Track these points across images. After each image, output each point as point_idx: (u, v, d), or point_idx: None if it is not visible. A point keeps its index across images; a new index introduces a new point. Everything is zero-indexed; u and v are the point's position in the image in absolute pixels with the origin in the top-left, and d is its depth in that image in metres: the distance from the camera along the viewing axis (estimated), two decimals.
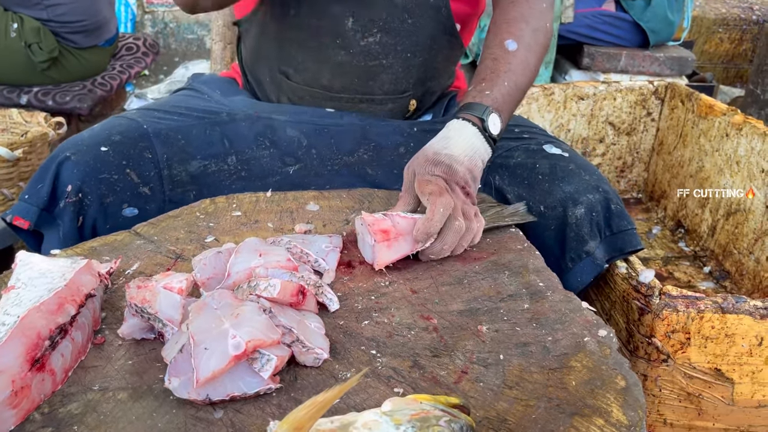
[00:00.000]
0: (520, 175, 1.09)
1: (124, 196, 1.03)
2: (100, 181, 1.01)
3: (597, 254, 1.03)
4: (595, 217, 1.02)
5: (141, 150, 1.05)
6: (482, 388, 0.65)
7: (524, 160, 1.10)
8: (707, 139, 1.85)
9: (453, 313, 0.76)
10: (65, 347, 0.66)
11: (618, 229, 1.04)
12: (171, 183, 1.08)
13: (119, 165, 1.03)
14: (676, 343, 0.99)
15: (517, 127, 1.19)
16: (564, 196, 1.03)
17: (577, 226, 1.02)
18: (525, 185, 1.07)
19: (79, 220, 1.00)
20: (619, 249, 1.05)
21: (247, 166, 1.12)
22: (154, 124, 1.09)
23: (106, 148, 1.02)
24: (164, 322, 0.68)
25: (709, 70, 3.72)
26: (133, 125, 1.08)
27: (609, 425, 0.60)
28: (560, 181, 1.05)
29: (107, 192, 1.01)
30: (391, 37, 1.12)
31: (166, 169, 1.07)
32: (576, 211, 1.02)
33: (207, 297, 0.68)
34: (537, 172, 1.07)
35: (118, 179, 1.02)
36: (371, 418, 0.53)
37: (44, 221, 1.00)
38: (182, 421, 0.60)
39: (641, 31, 2.46)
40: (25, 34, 2.12)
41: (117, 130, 1.06)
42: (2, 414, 0.58)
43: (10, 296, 0.68)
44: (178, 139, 1.09)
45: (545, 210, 1.04)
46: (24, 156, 1.70)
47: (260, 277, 0.72)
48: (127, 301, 0.70)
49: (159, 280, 0.71)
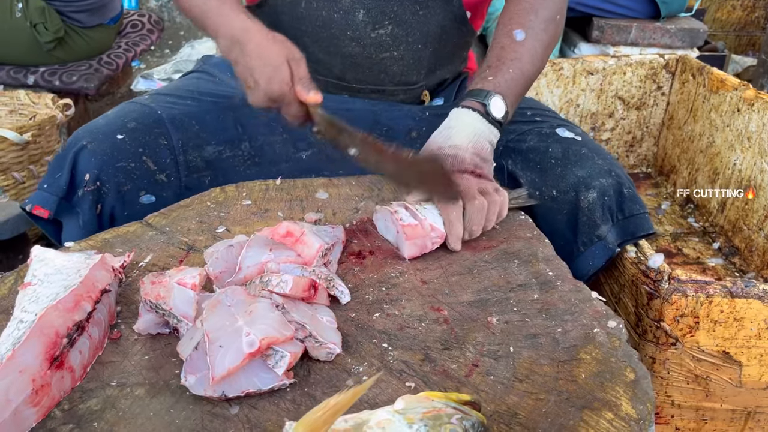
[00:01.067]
0: (533, 159, 1.08)
1: (141, 184, 1.03)
2: (118, 169, 1.01)
3: (609, 238, 1.03)
4: (607, 201, 1.02)
5: (156, 136, 1.06)
6: (493, 381, 0.66)
7: (537, 144, 1.10)
8: (718, 114, 1.83)
9: (463, 304, 0.77)
10: (83, 344, 0.67)
11: (630, 213, 1.04)
12: (187, 169, 1.08)
13: (136, 152, 1.03)
14: (684, 326, 1.00)
15: (530, 110, 1.19)
16: (576, 180, 1.03)
17: (589, 211, 1.02)
18: (538, 169, 1.07)
19: (97, 208, 1.01)
20: (631, 233, 1.05)
21: (261, 152, 1.13)
22: (168, 110, 1.09)
23: (122, 135, 1.03)
24: (179, 318, 0.69)
25: (720, 39, 3.66)
26: (147, 111, 1.08)
27: (618, 419, 0.61)
28: (573, 166, 1.04)
29: (125, 180, 1.02)
30: (402, 29, 1.11)
31: (182, 155, 1.08)
32: (588, 195, 1.02)
33: (220, 294, 0.69)
34: (550, 156, 1.07)
35: (135, 167, 1.03)
36: (384, 416, 0.54)
37: (63, 210, 1.01)
38: (199, 417, 0.61)
39: (653, 2, 2.42)
40: (30, 14, 2.11)
41: (132, 117, 1.06)
42: (24, 412, 0.60)
43: (27, 293, 0.70)
44: (192, 124, 1.09)
45: (558, 194, 1.04)
46: (33, 139, 1.70)
47: (272, 272, 0.73)
48: (142, 298, 0.71)
49: (172, 275, 0.72)
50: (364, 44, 1.11)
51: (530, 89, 1.96)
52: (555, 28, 1.09)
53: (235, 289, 0.69)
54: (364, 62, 1.13)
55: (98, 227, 1.01)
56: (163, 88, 1.20)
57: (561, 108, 2.05)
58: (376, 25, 1.10)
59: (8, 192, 1.69)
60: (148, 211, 1.00)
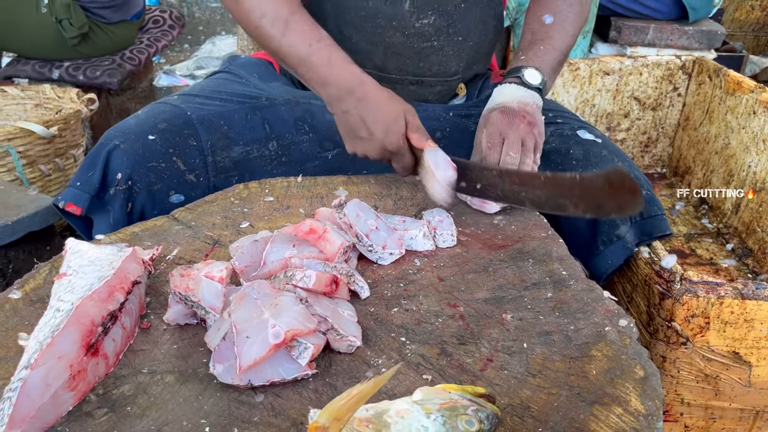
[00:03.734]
0: (554, 161, 1.11)
1: (171, 184, 1.06)
2: (149, 169, 1.04)
3: (627, 238, 1.06)
4: None
5: (186, 137, 1.08)
6: (507, 375, 0.68)
7: (558, 146, 1.13)
8: (734, 116, 1.84)
9: (479, 301, 0.80)
10: (116, 332, 0.70)
11: (648, 214, 1.07)
12: (215, 169, 1.11)
13: (166, 153, 1.06)
14: (695, 327, 1.02)
15: (551, 111, 1.21)
16: None
17: None
18: (559, 170, 1.10)
19: (128, 207, 1.04)
20: (649, 233, 1.08)
21: (288, 151, 1.15)
22: (197, 111, 1.12)
23: (153, 136, 1.05)
24: (207, 310, 0.72)
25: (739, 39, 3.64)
26: (178, 112, 1.11)
27: (627, 414, 0.63)
28: (593, 167, 1.07)
29: (155, 180, 1.05)
30: (444, 20, 1.14)
31: (210, 156, 1.10)
32: None
33: (247, 287, 0.72)
34: (571, 158, 1.10)
35: (165, 167, 1.05)
36: (403, 407, 0.57)
37: (94, 207, 1.04)
38: (226, 404, 0.65)
39: (680, 6, 2.42)
40: (55, 10, 2.16)
41: (162, 118, 1.09)
42: (62, 396, 0.63)
43: (62, 283, 0.73)
44: (221, 125, 1.12)
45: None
46: (59, 133, 1.75)
47: (296, 267, 0.76)
48: (172, 289, 0.74)
49: (200, 268, 0.75)
50: (408, 34, 1.14)
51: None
52: (582, 7, 1.17)
53: (261, 283, 0.73)
54: (406, 51, 1.16)
55: (128, 225, 1.03)
56: (191, 89, 1.23)
57: (577, 108, 2.06)
58: (420, 15, 1.13)
59: (35, 184, 1.74)
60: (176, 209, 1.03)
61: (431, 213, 0.94)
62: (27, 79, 2.31)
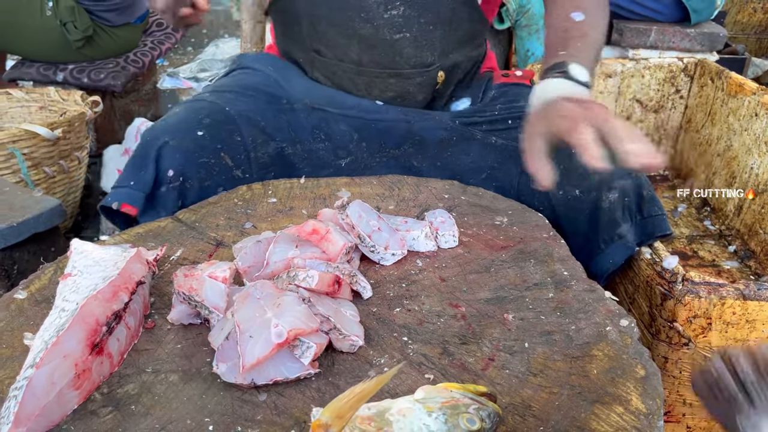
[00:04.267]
0: (555, 159, 1.10)
1: (219, 180, 1.07)
2: (200, 165, 1.05)
3: (629, 237, 1.06)
4: (627, 202, 1.05)
5: (230, 133, 1.09)
6: (508, 375, 0.69)
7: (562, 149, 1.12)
8: (736, 118, 1.84)
9: (480, 301, 0.80)
10: (120, 332, 0.71)
11: (649, 213, 1.07)
12: (257, 165, 1.12)
13: (215, 149, 1.06)
14: (697, 327, 1.02)
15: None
16: (598, 180, 1.05)
17: (610, 210, 1.05)
18: (561, 169, 1.08)
19: (179, 204, 1.05)
20: (650, 233, 1.08)
21: (309, 156, 1.17)
22: (233, 106, 1.13)
23: (201, 132, 1.06)
24: (210, 310, 0.73)
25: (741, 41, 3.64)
26: (217, 108, 1.11)
27: (628, 413, 0.63)
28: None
29: (206, 176, 1.06)
30: (414, 10, 1.15)
31: (253, 152, 1.12)
32: (610, 195, 1.04)
33: (250, 287, 0.72)
34: (572, 158, 1.09)
35: (214, 163, 1.07)
36: (405, 405, 0.57)
37: (149, 206, 1.05)
38: (230, 403, 0.65)
39: (682, 8, 2.42)
40: (60, 13, 2.17)
41: (204, 114, 1.09)
42: (67, 394, 0.64)
43: (67, 283, 0.74)
44: (258, 120, 1.14)
45: (580, 194, 1.06)
46: (63, 135, 1.76)
47: (299, 267, 0.76)
48: (175, 289, 0.75)
49: (204, 268, 0.76)
50: (377, 25, 1.15)
51: None
52: (605, 7, 1.11)
53: (264, 283, 0.73)
54: (379, 44, 1.16)
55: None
56: (216, 86, 1.23)
57: None
58: (388, 6, 1.14)
59: (39, 186, 1.75)
60: None
61: (433, 214, 0.94)
62: (31, 81, 2.32)
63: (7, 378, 0.68)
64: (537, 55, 2.40)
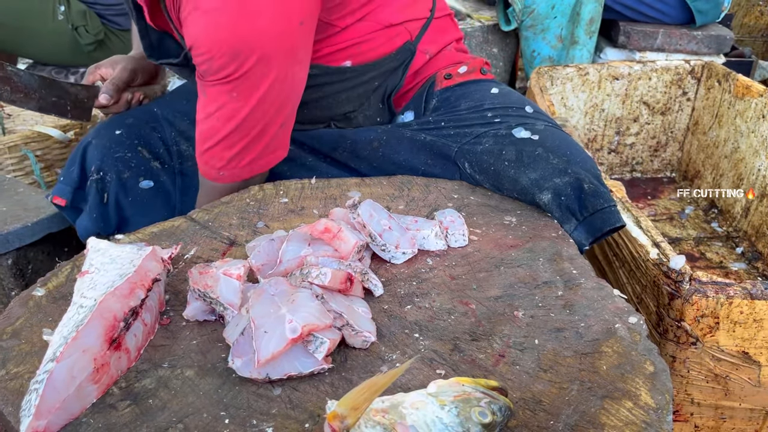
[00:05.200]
0: (487, 161, 1.07)
1: (139, 171, 1.20)
2: (116, 159, 1.18)
3: (575, 236, 0.98)
4: (564, 201, 0.99)
5: (150, 130, 1.24)
6: (518, 370, 0.70)
7: (491, 147, 1.07)
8: (743, 120, 1.84)
9: (490, 299, 0.81)
10: (137, 328, 0.72)
11: (594, 208, 0.98)
12: (180, 157, 1.25)
13: (132, 144, 1.21)
14: (705, 327, 1.03)
15: (491, 110, 1.15)
16: (529, 183, 1.01)
17: (548, 212, 1.01)
18: (492, 172, 1.06)
19: (104, 197, 1.17)
20: (599, 228, 0.99)
21: None
22: (163, 108, 1.28)
23: (119, 130, 1.21)
24: (225, 306, 0.74)
25: (748, 44, 3.64)
26: (146, 109, 1.28)
27: (637, 408, 0.64)
28: (525, 168, 1.02)
29: (123, 168, 1.19)
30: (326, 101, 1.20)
31: (175, 146, 1.25)
32: (543, 197, 1.00)
33: (265, 284, 0.74)
34: (503, 159, 1.05)
35: (131, 156, 1.20)
36: (418, 398, 0.58)
37: (79, 198, 1.20)
38: (245, 397, 0.66)
39: (688, 10, 2.43)
40: (72, 17, 2.19)
41: (131, 114, 1.25)
42: (86, 388, 0.65)
43: (85, 280, 0.75)
44: (184, 120, 1.27)
45: (518, 197, 1.04)
46: (75, 137, 1.78)
47: (311, 265, 0.77)
48: (191, 286, 0.76)
49: (218, 266, 0.77)
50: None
51: (555, 94, 2.00)
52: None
53: (279, 280, 0.74)
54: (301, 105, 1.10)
55: (105, 213, 1.18)
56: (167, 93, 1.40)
57: (586, 112, 2.08)
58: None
59: (51, 187, 1.77)
60: (149, 195, 1.18)
61: (443, 213, 0.95)
62: None
63: (27, 372, 0.69)
64: (543, 56, 2.40)
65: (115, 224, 1.19)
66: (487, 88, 1.22)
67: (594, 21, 2.33)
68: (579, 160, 1.02)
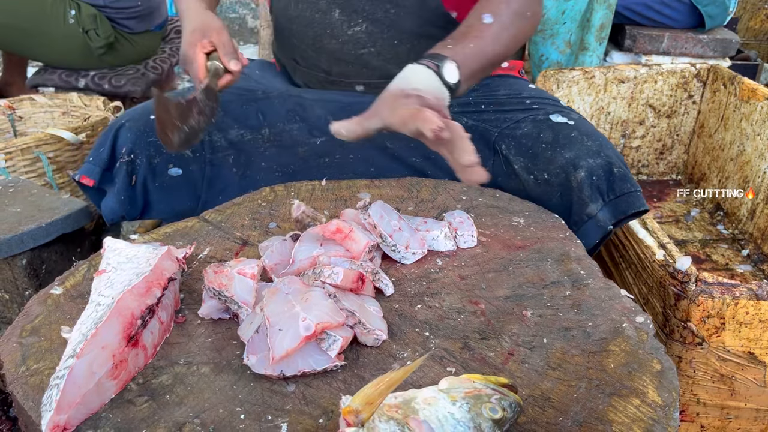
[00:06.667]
0: (525, 145, 1.13)
1: (169, 157, 1.19)
2: (149, 143, 1.17)
3: (600, 216, 1.04)
4: (595, 181, 1.04)
5: None
6: (527, 368, 0.71)
7: (530, 130, 1.14)
8: (749, 123, 1.85)
9: (499, 298, 0.83)
10: (154, 325, 0.74)
11: (621, 191, 1.05)
12: (211, 148, 1.23)
13: None
14: (710, 327, 1.04)
15: (529, 98, 1.23)
16: (565, 161, 1.07)
17: (579, 190, 1.05)
18: (530, 154, 1.12)
19: (132, 179, 1.16)
20: (623, 211, 1.05)
21: (279, 137, 1.25)
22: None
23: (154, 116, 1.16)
24: (239, 304, 0.76)
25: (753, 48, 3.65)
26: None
27: (645, 405, 0.66)
28: (562, 148, 1.08)
29: (155, 153, 1.17)
30: (377, 26, 1.20)
31: (207, 136, 1.23)
32: (577, 175, 1.05)
33: (278, 283, 0.75)
34: (541, 141, 1.11)
35: None
36: (430, 394, 0.60)
37: (105, 179, 1.18)
38: (260, 393, 0.68)
39: (697, 14, 2.44)
40: (82, 21, 2.22)
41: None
42: (105, 384, 0.67)
43: (102, 279, 0.77)
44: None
45: (549, 177, 1.08)
46: (87, 140, 1.80)
47: (324, 264, 0.79)
48: (206, 285, 0.78)
49: (233, 265, 0.79)
50: (343, 41, 1.21)
51: (561, 97, 2.01)
52: (524, 24, 1.11)
53: (292, 279, 0.76)
54: (346, 57, 1.23)
55: (132, 196, 1.17)
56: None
57: (592, 115, 2.09)
58: (351, 23, 1.20)
59: (63, 189, 1.79)
60: (176, 182, 1.17)
61: (452, 215, 0.97)
62: (53, 87, 2.37)
63: (47, 369, 0.71)
64: (551, 60, 2.42)
65: (140, 208, 1.20)
66: (524, 83, 1.33)
67: (605, 27, 2.34)
68: (610, 146, 1.10)
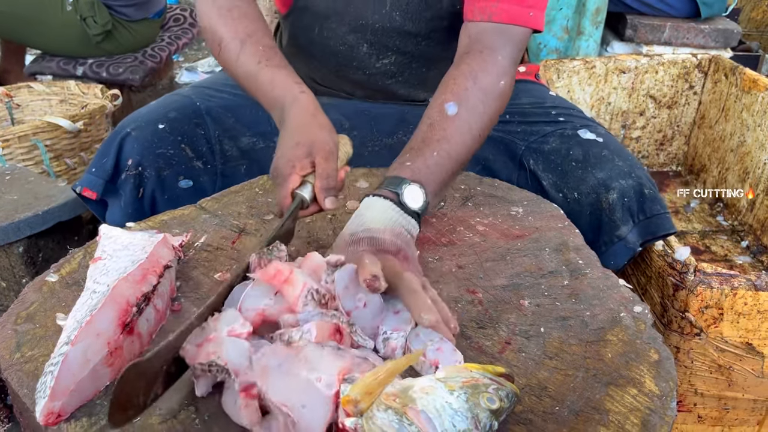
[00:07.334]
0: (554, 161, 1.11)
1: (179, 169, 1.11)
2: (158, 155, 1.09)
3: (629, 238, 1.04)
4: (627, 203, 1.04)
5: (195, 126, 1.14)
6: (524, 358, 0.71)
7: (558, 146, 1.12)
8: (750, 113, 1.85)
9: (497, 287, 0.82)
10: (149, 313, 0.73)
11: (651, 213, 1.05)
12: (223, 158, 1.16)
13: (175, 141, 1.11)
14: (709, 318, 1.04)
15: (554, 108, 1.20)
16: (596, 182, 1.05)
17: (609, 212, 1.04)
18: (559, 172, 1.10)
19: (139, 192, 1.09)
20: (652, 232, 1.06)
21: None
22: (206, 102, 1.17)
23: (163, 125, 1.11)
24: (231, 373, 0.61)
25: (755, 39, 3.63)
26: (188, 102, 1.17)
27: (642, 394, 0.65)
28: (593, 168, 1.06)
29: (164, 165, 1.10)
30: (406, 58, 1.17)
31: (218, 145, 1.16)
32: (609, 196, 1.04)
33: (262, 359, 0.63)
34: (570, 159, 1.09)
35: (173, 154, 1.11)
36: (427, 383, 0.59)
37: (109, 191, 1.10)
38: None
39: (693, 2, 2.42)
40: (80, 8, 2.20)
41: (173, 107, 1.14)
42: (100, 371, 0.66)
43: (98, 266, 0.76)
44: (228, 117, 1.18)
45: (579, 196, 1.07)
46: (84, 127, 1.79)
47: (289, 325, 0.67)
48: (191, 366, 0.64)
49: (218, 327, 0.65)
50: (369, 73, 1.18)
51: (562, 87, 2.00)
52: (496, 100, 0.96)
53: (275, 349, 0.64)
54: (371, 86, 1.20)
55: (140, 209, 1.09)
56: (204, 81, 1.28)
57: (592, 105, 2.08)
58: (380, 56, 1.16)
59: (61, 177, 1.78)
60: (186, 194, 1.09)
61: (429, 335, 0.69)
62: (51, 75, 2.36)
63: (42, 356, 0.70)
64: (549, 47, 2.41)
65: None
66: (544, 89, 1.30)
67: (600, 11, 2.33)
68: (639, 165, 1.09)
